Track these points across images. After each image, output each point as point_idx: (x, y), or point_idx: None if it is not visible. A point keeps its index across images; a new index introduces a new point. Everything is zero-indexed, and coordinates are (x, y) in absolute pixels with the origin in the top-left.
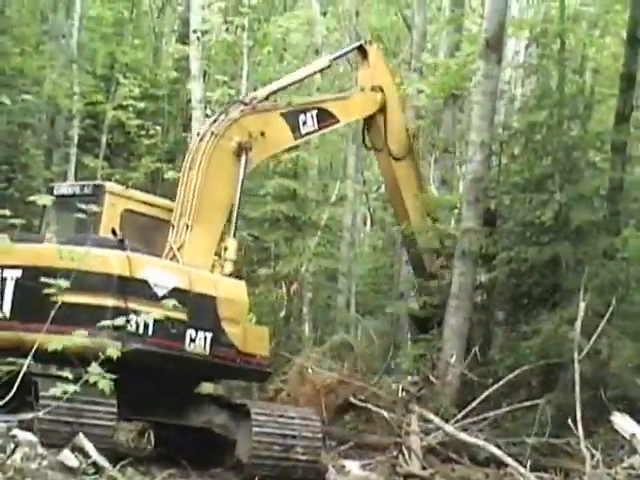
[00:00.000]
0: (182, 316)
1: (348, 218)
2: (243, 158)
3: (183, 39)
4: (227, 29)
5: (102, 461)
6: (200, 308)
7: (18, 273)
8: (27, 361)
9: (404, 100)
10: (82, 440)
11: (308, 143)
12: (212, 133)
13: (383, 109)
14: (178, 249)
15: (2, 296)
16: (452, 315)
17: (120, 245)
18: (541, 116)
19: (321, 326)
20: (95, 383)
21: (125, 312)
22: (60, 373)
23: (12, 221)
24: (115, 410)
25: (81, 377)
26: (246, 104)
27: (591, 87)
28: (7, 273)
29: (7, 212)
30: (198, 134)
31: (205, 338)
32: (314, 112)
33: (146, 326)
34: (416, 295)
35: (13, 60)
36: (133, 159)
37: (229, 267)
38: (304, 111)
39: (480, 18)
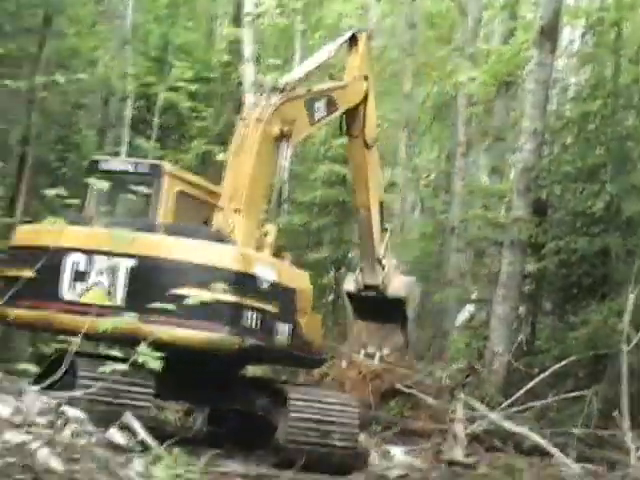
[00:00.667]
0: (275, 309)
1: (397, 204)
2: (284, 145)
3: (236, 22)
4: (281, 13)
5: (149, 440)
6: (286, 301)
7: (133, 262)
8: (77, 340)
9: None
10: (129, 419)
11: None
12: (257, 119)
13: (365, 98)
14: (230, 232)
15: (115, 286)
16: (499, 304)
17: (229, 239)
18: (595, 106)
19: None
20: (143, 364)
21: (242, 308)
22: (103, 352)
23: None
24: (152, 391)
25: (127, 358)
26: (282, 90)
27: None
28: (122, 262)
29: (63, 192)
30: (243, 119)
31: (287, 330)
32: (324, 99)
33: (257, 320)
34: (357, 272)
35: (68, 40)
36: (184, 141)
37: (268, 252)
38: (319, 98)
39: (535, 5)
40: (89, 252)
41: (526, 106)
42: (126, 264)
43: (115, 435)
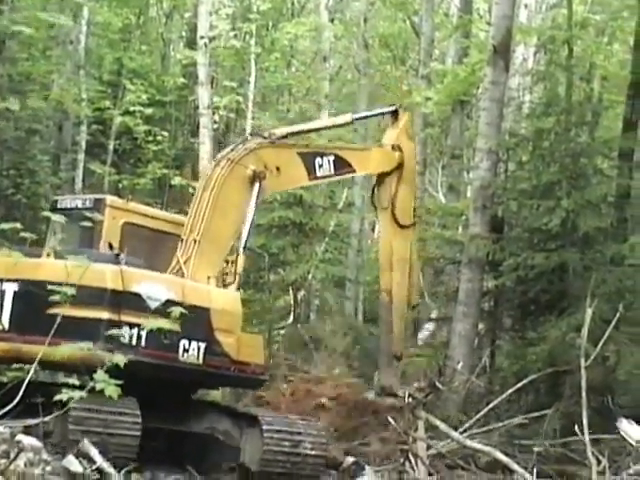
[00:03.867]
0: (175, 327)
1: (356, 225)
2: (257, 186)
3: (191, 46)
4: (235, 35)
5: (107, 467)
6: (193, 319)
7: (16, 286)
8: (32, 368)
9: (412, 111)
10: (87, 446)
11: None
12: (228, 159)
13: (399, 170)
14: (184, 262)
15: (1, 308)
16: (459, 321)
17: (115, 259)
18: (549, 123)
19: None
20: (102, 390)
21: (118, 324)
22: (66, 380)
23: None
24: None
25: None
26: (265, 137)
27: (599, 94)
28: (6, 286)
29: (18, 225)
30: (215, 160)
31: (199, 348)
32: (331, 157)
33: (139, 337)
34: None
35: (20, 65)
36: (140, 165)
37: (236, 281)
38: (322, 155)
39: (488, 25)
40: None
41: (481, 124)
42: (10, 288)
43: (71, 463)
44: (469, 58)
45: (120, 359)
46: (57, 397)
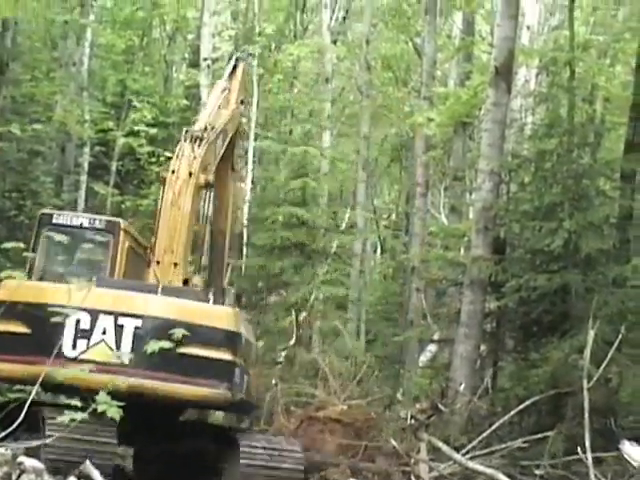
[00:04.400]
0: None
1: (358, 246)
2: (209, 194)
3: (193, 67)
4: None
5: None
6: (247, 352)
7: (138, 323)
8: (34, 390)
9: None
10: (88, 467)
11: (318, 171)
12: (190, 173)
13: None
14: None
15: (119, 343)
16: (461, 343)
17: (206, 297)
18: (551, 144)
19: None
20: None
21: (235, 364)
22: (68, 402)
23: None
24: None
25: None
26: (202, 139)
27: (601, 115)
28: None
29: (21, 244)
30: (173, 172)
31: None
32: (222, 133)
33: (242, 376)
34: None
35: (24, 87)
36: (143, 186)
37: None
38: (220, 134)
39: (490, 46)
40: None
41: (483, 146)
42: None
43: None
44: (471, 80)
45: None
46: (60, 418)
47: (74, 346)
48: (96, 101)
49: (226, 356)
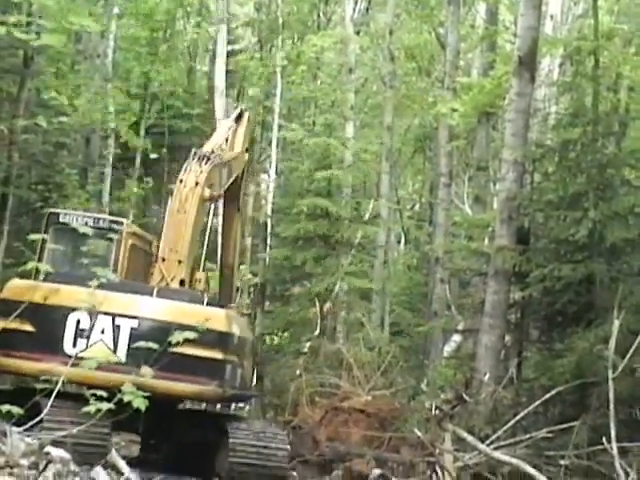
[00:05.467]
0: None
1: (382, 237)
2: (210, 205)
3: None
4: (261, 48)
5: (134, 478)
6: (243, 350)
7: (134, 323)
8: (60, 381)
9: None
10: (115, 457)
11: (341, 162)
12: (196, 183)
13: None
14: (172, 280)
15: (116, 343)
16: (486, 333)
17: (200, 298)
18: (575, 134)
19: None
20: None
21: (225, 362)
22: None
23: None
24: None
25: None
26: (209, 158)
27: (625, 104)
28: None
29: (46, 236)
30: (181, 181)
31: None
32: (227, 167)
33: (234, 373)
34: None
35: (48, 80)
36: (167, 177)
37: None
38: (225, 166)
39: (513, 36)
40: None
41: (506, 136)
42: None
43: (100, 474)
44: (495, 70)
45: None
46: (85, 409)
47: (74, 344)
48: (120, 93)
49: (217, 355)
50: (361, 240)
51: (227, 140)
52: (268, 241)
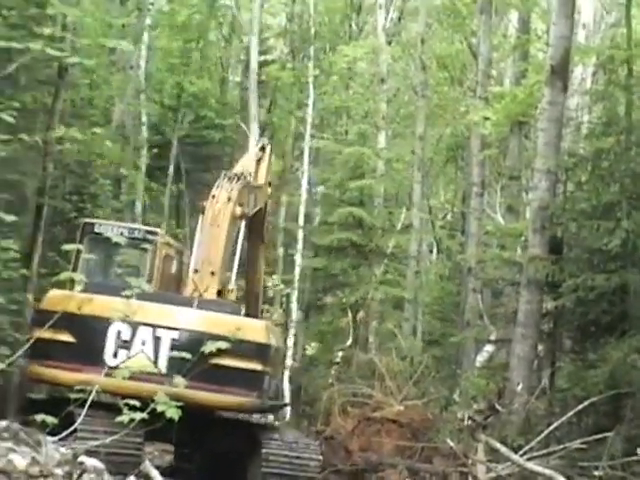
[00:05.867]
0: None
1: (414, 246)
2: (241, 223)
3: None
4: (294, 57)
5: None
6: (278, 360)
7: (175, 335)
8: (94, 390)
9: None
10: (148, 467)
11: (374, 172)
12: (228, 199)
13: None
14: (205, 291)
15: (157, 354)
16: (518, 343)
17: (239, 310)
18: (608, 143)
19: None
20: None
21: (264, 374)
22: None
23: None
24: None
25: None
26: (239, 178)
27: None
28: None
29: (80, 246)
30: (213, 196)
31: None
32: (254, 194)
33: (271, 384)
34: None
35: (83, 91)
36: (200, 187)
37: None
38: (253, 192)
39: (546, 45)
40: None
41: (539, 145)
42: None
43: None
44: (527, 79)
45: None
46: (119, 418)
47: (115, 355)
48: (153, 103)
49: (257, 367)
50: (394, 249)
51: (252, 171)
52: (301, 251)
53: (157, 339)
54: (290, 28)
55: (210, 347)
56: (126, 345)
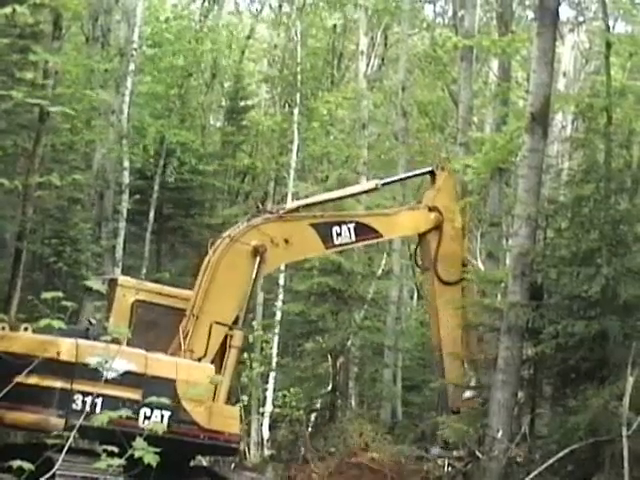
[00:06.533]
0: (135, 396)
1: (394, 292)
2: (257, 260)
3: (230, 115)
4: (275, 103)
5: None
6: (158, 389)
7: None
8: (71, 435)
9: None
10: None
11: None
12: (228, 236)
13: (437, 230)
14: (184, 336)
15: None
16: (498, 389)
17: (85, 333)
18: (588, 190)
19: (367, 400)
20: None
21: (70, 393)
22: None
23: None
24: None
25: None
26: (272, 213)
27: (638, 161)
28: None
29: (60, 294)
30: (220, 237)
31: (162, 416)
32: (351, 225)
33: (93, 405)
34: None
35: (64, 136)
36: (180, 231)
37: (234, 354)
38: (339, 223)
39: (526, 92)
40: None
41: (519, 191)
42: None
43: None
44: (507, 126)
45: (160, 427)
46: (97, 465)
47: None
48: (136, 148)
49: (57, 384)
50: (374, 295)
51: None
52: (281, 296)
53: None
54: (272, 74)
55: None
56: None
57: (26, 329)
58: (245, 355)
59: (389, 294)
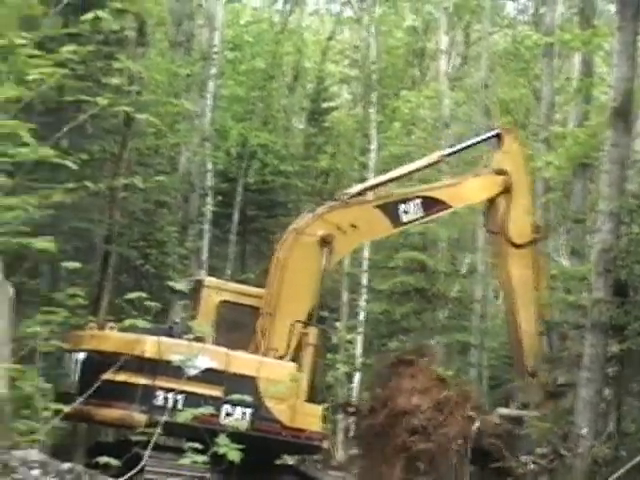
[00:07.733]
0: (217, 393)
1: (479, 291)
2: (325, 250)
3: (312, 116)
4: (356, 104)
5: None
6: (239, 386)
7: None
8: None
9: (534, 176)
10: None
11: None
12: (294, 229)
13: (507, 192)
14: (262, 334)
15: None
16: (583, 387)
17: (168, 332)
18: None
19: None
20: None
21: (152, 389)
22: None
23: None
24: None
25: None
26: (336, 200)
27: None
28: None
29: (143, 294)
30: (285, 232)
31: (244, 413)
32: (417, 201)
33: (175, 401)
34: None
35: (149, 139)
36: (264, 233)
37: (310, 351)
38: (404, 201)
39: (608, 87)
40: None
41: (602, 187)
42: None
43: None
44: (590, 121)
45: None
46: (181, 461)
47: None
48: (219, 151)
49: (140, 380)
50: (458, 294)
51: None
52: (364, 296)
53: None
54: (353, 75)
55: None
56: None
57: (112, 328)
58: (329, 355)
59: (473, 293)
